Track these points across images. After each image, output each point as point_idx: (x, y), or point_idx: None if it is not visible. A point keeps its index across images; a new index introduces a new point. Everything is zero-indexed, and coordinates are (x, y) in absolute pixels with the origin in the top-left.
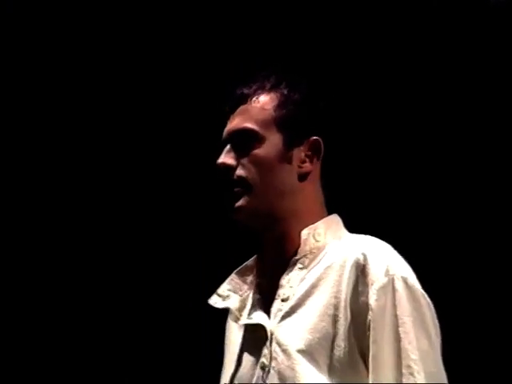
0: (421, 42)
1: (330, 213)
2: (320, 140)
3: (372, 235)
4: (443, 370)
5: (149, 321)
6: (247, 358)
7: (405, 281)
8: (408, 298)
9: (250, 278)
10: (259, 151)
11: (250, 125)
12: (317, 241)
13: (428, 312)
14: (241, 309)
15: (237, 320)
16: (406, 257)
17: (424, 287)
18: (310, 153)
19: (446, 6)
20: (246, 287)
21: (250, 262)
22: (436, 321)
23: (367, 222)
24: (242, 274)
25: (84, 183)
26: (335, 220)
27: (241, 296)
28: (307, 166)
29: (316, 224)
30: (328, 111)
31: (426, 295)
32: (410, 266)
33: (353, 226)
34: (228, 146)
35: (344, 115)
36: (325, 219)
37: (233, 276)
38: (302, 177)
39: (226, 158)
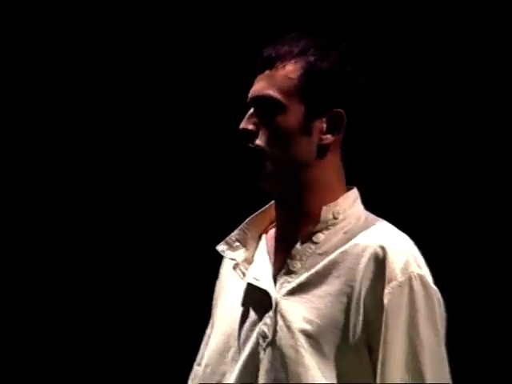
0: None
1: (348, 184)
2: (343, 112)
3: (386, 212)
4: (448, 368)
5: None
6: (246, 318)
7: (421, 279)
8: (423, 297)
9: (260, 229)
10: (280, 122)
11: (272, 93)
12: (335, 218)
13: (439, 310)
14: (248, 262)
15: (242, 274)
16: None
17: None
18: (331, 125)
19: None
20: (254, 239)
21: (263, 212)
22: (444, 316)
23: (382, 197)
24: (254, 224)
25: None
26: (354, 196)
27: (248, 249)
28: (328, 137)
29: (336, 201)
30: (356, 83)
31: (438, 292)
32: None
33: (368, 201)
34: (251, 111)
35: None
36: (345, 196)
37: (243, 225)
38: (323, 149)
39: (248, 123)
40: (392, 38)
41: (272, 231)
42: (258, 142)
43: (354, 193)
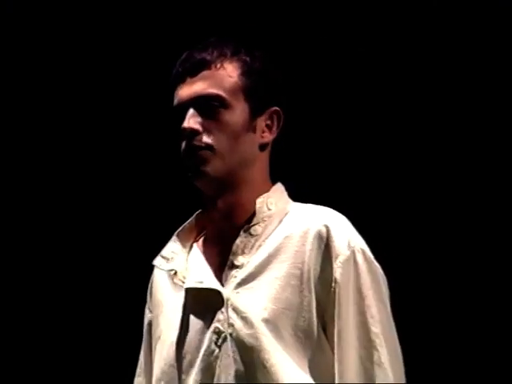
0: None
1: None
2: (280, 111)
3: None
4: (397, 337)
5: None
6: (194, 323)
7: (363, 253)
8: (367, 271)
9: (190, 241)
10: (227, 118)
11: (217, 91)
12: (269, 209)
13: (383, 283)
14: (185, 271)
15: (181, 283)
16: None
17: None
18: (270, 123)
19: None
20: (186, 249)
21: (190, 223)
22: (388, 292)
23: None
24: (183, 236)
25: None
26: (282, 189)
27: (183, 258)
28: (267, 135)
29: (268, 193)
30: (287, 82)
31: (380, 268)
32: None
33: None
34: (191, 111)
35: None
36: (274, 188)
37: (174, 238)
38: (262, 146)
39: (192, 122)
40: (388, 38)
41: (202, 238)
42: (206, 139)
43: (280, 185)
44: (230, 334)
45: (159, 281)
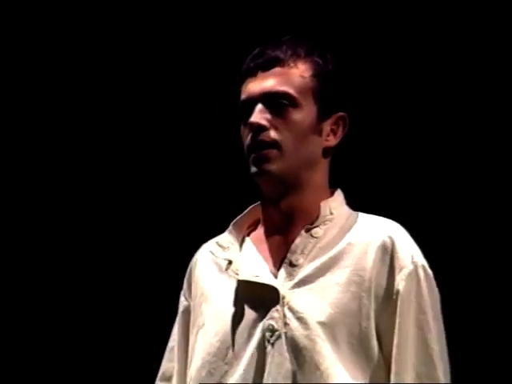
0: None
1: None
2: (346, 116)
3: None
4: (447, 354)
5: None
6: (244, 316)
7: (425, 270)
8: (427, 287)
9: (243, 232)
10: (295, 117)
11: (288, 89)
12: (331, 213)
13: (439, 301)
14: (238, 262)
15: (234, 274)
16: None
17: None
18: (335, 127)
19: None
20: (238, 242)
21: (244, 215)
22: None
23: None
24: (239, 227)
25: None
26: (342, 195)
27: (236, 250)
28: (332, 140)
29: (332, 197)
30: (355, 87)
31: (436, 284)
32: None
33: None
34: (260, 106)
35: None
36: (336, 194)
37: (231, 228)
38: (326, 150)
39: (260, 117)
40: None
41: (256, 232)
42: (274, 135)
43: (340, 192)
44: (285, 333)
45: (203, 268)
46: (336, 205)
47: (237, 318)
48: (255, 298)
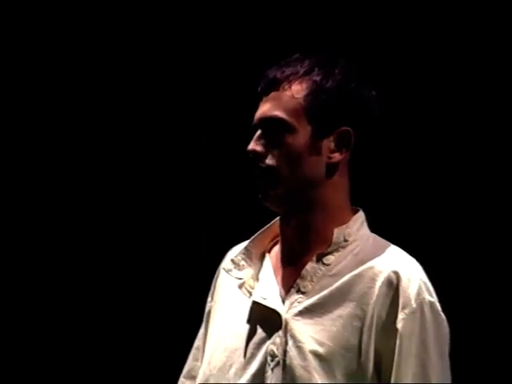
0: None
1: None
2: (350, 130)
3: (389, 233)
4: None
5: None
6: (250, 336)
7: (431, 306)
8: (433, 324)
9: (263, 247)
10: (289, 142)
11: (279, 113)
12: (345, 240)
13: (447, 336)
14: (253, 281)
15: (247, 293)
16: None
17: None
18: (339, 143)
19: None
20: (258, 257)
21: (267, 229)
22: (448, 343)
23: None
24: (258, 241)
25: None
26: (362, 218)
27: (253, 268)
28: (336, 156)
29: (348, 223)
30: (361, 100)
31: (445, 320)
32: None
33: (371, 222)
34: (258, 132)
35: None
36: (354, 218)
37: (250, 244)
38: (331, 168)
39: (256, 145)
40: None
41: (275, 249)
42: (269, 161)
43: (362, 215)
44: (284, 361)
45: (224, 278)
46: (352, 231)
47: (245, 337)
48: (263, 319)
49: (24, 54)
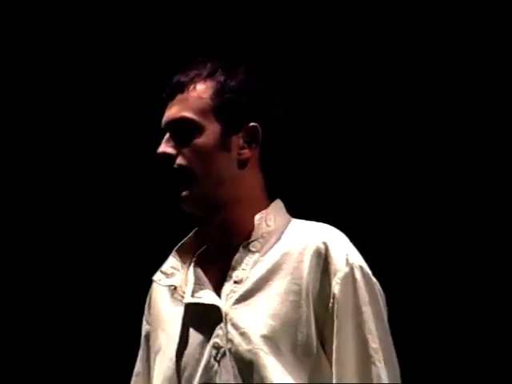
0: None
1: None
2: (257, 126)
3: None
4: (394, 352)
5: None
6: (194, 337)
7: (361, 269)
8: (365, 287)
9: (190, 256)
10: (198, 140)
11: (187, 114)
12: (268, 226)
13: (381, 299)
14: (184, 286)
15: (180, 298)
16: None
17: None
18: (248, 139)
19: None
20: (186, 265)
21: (189, 239)
22: (385, 306)
23: (304, 206)
24: (182, 252)
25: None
26: (280, 205)
27: (182, 274)
28: (246, 152)
29: (267, 210)
30: (266, 97)
31: (378, 284)
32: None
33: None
34: (167, 135)
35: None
36: (273, 205)
37: (174, 253)
38: (242, 163)
39: (166, 147)
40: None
41: (202, 254)
42: (180, 161)
43: (279, 202)
44: (229, 350)
45: (158, 295)
46: (272, 216)
47: (188, 340)
48: (202, 318)
49: (23, 54)
